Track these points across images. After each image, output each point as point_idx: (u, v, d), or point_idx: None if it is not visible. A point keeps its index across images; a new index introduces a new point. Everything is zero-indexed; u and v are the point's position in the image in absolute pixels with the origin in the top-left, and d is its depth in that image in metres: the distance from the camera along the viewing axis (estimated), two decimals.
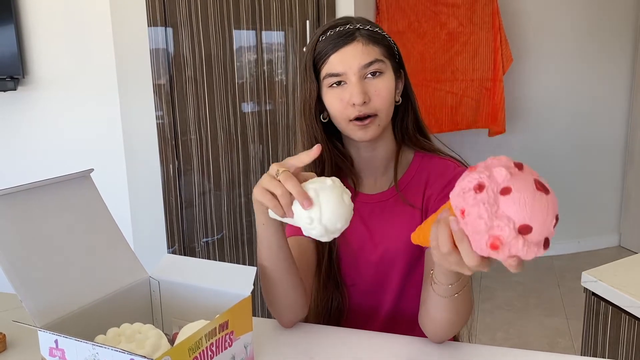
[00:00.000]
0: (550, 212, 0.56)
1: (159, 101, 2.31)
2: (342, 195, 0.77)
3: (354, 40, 0.94)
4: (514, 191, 0.55)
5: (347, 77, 0.94)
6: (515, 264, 0.57)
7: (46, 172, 0.98)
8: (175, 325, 0.93)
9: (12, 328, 0.97)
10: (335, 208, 0.76)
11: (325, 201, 0.76)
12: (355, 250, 1.04)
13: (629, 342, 1.21)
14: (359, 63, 0.93)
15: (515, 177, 0.56)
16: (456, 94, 3.09)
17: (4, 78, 2.32)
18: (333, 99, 0.96)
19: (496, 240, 0.55)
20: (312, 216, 0.76)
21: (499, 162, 0.58)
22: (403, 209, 1.03)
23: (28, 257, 0.81)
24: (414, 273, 1.04)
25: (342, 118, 0.96)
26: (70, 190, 0.90)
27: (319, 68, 0.97)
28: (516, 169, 0.58)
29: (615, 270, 1.31)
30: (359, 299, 1.08)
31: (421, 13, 2.99)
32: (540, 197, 0.56)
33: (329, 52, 0.95)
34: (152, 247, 2.41)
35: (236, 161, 2.42)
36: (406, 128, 1.05)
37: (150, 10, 2.23)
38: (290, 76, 2.36)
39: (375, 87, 0.94)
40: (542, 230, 0.56)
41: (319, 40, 0.97)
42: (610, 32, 3.29)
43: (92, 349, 0.70)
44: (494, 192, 0.56)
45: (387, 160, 1.05)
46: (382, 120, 0.97)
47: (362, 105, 0.93)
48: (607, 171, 3.48)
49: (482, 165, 0.59)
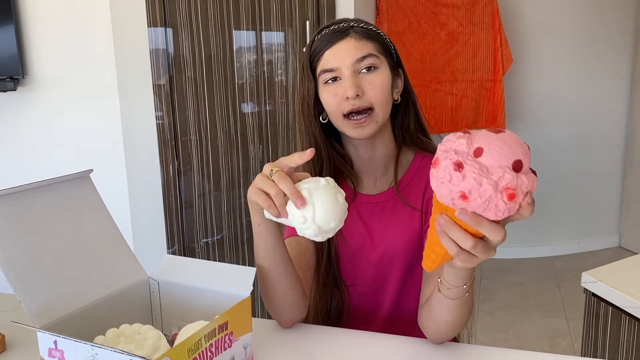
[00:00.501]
0: (518, 141, 0.59)
1: (158, 102, 2.31)
2: (336, 195, 0.77)
3: (347, 36, 0.95)
4: (484, 146, 0.58)
5: (341, 72, 0.95)
6: (532, 201, 0.59)
7: (46, 173, 0.98)
8: (174, 326, 0.93)
9: (11, 329, 0.97)
10: (329, 207, 0.76)
11: (318, 201, 0.76)
12: (355, 250, 1.05)
13: (629, 343, 1.21)
14: (352, 57, 0.94)
15: (474, 137, 0.60)
16: (456, 94, 3.09)
17: (4, 78, 2.32)
18: (328, 94, 0.97)
19: (509, 190, 0.57)
20: (305, 215, 0.76)
21: (450, 142, 0.61)
22: (403, 210, 1.03)
23: (27, 257, 0.81)
24: (414, 273, 1.04)
25: (338, 114, 0.97)
26: (69, 190, 0.90)
27: (314, 66, 0.98)
28: (467, 134, 0.60)
29: (615, 271, 1.31)
30: (358, 299, 1.08)
31: (421, 14, 3.00)
32: (504, 136, 0.59)
33: (323, 48, 0.96)
34: (152, 248, 2.41)
35: (236, 162, 2.42)
36: (407, 127, 1.05)
37: (150, 11, 2.23)
38: (290, 77, 2.36)
39: (370, 81, 0.95)
40: (526, 158, 0.58)
41: (315, 39, 0.98)
42: (610, 33, 3.29)
43: (92, 349, 0.70)
44: (472, 159, 0.58)
45: (386, 161, 1.05)
46: (379, 116, 0.96)
47: (355, 98, 0.93)
48: (607, 172, 3.48)
49: (440, 153, 0.61)
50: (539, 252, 3.44)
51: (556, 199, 3.39)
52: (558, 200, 3.40)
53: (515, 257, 3.38)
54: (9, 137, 2.48)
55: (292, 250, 1.00)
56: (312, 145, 1.01)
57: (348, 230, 1.03)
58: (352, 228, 1.04)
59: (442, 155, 0.60)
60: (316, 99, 1.00)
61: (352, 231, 1.04)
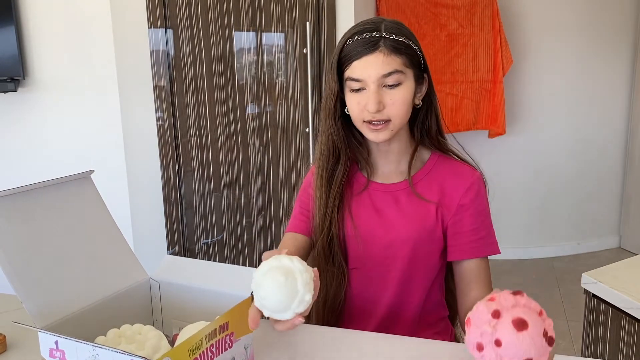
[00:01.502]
0: (536, 340, 0.70)
1: (159, 103, 2.31)
2: (286, 278, 0.76)
3: (377, 50, 0.97)
4: (503, 340, 0.70)
5: (366, 84, 0.99)
6: None
7: (47, 174, 0.99)
8: (175, 326, 0.93)
9: (12, 329, 0.97)
10: (274, 293, 0.76)
11: (262, 288, 0.77)
12: (363, 233, 1.07)
13: (629, 344, 1.21)
14: (379, 73, 0.97)
15: (499, 326, 0.70)
16: (456, 95, 3.09)
17: (5, 79, 2.32)
18: (352, 102, 1.02)
19: None
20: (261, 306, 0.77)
21: (480, 320, 0.73)
22: (417, 202, 1.06)
23: (29, 258, 0.81)
24: (419, 264, 1.07)
25: (359, 119, 1.02)
26: (70, 191, 0.90)
27: (343, 69, 1.02)
28: (494, 319, 0.71)
29: (615, 271, 1.31)
30: (361, 285, 1.10)
31: (421, 15, 3.00)
32: (524, 335, 0.69)
33: (352, 57, 0.99)
34: (152, 249, 2.41)
35: (236, 162, 2.42)
36: (428, 129, 1.09)
37: (151, 12, 2.23)
38: (291, 78, 2.36)
39: (392, 97, 0.99)
40: (540, 357, 0.70)
41: (347, 43, 1.01)
42: (610, 34, 3.30)
43: (93, 350, 0.70)
44: (492, 346, 0.71)
45: (400, 155, 1.10)
46: (395, 125, 1.01)
47: (376, 112, 0.98)
48: (607, 172, 3.48)
49: (471, 324, 0.73)
50: (539, 253, 3.44)
51: (556, 199, 3.39)
52: (558, 201, 3.40)
53: (515, 258, 3.38)
54: (10, 138, 2.48)
55: (289, 244, 1.07)
56: (329, 138, 1.07)
57: (358, 215, 1.08)
58: (362, 212, 1.09)
59: (472, 327, 0.73)
60: (338, 96, 1.05)
61: (362, 215, 1.08)
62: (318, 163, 1.09)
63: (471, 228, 1.04)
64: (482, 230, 1.05)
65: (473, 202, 1.05)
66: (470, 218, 1.04)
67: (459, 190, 1.05)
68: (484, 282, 1.06)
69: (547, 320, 0.73)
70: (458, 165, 1.09)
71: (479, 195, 1.06)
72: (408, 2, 2.97)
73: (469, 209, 1.04)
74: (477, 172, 1.08)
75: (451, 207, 1.05)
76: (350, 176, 1.11)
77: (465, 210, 1.04)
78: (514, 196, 3.33)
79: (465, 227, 1.05)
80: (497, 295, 0.74)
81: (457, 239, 1.05)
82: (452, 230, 1.06)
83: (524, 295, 0.74)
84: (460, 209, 1.05)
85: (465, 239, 1.05)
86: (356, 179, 1.11)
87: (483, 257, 1.06)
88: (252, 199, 2.46)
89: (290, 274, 0.76)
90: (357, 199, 1.09)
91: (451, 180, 1.07)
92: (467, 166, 1.09)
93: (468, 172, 1.08)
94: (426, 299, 1.10)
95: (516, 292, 0.74)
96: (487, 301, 0.74)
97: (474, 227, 1.05)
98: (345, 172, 1.09)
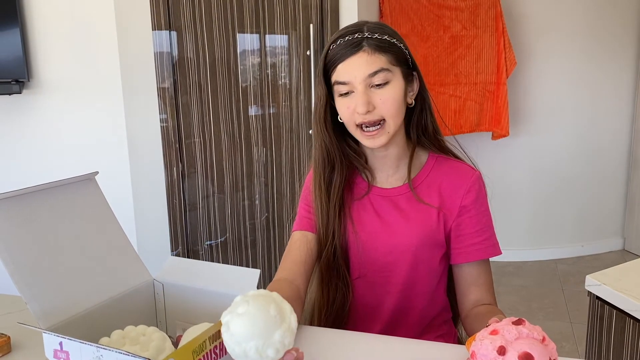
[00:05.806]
0: None
1: (163, 105, 2.32)
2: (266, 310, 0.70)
3: (360, 50, 0.96)
4: (507, 347, 0.71)
5: (353, 86, 0.98)
6: None
7: (51, 175, 0.99)
8: (179, 327, 0.93)
9: (16, 330, 0.97)
10: (246, 325, 0.70)
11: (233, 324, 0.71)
12: (365, 240, 1.07)
13: (633, 346, 1.21)
14: (364, 73, 0.96)
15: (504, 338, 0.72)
16: (460, 97, 3.09)
17: (9, 81, 2.33)
18: (342, 106, 1.01)
19: None
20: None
21: (483, 344, 0.73)
22: (417, 206, 1.05)
23: (33, 259, 0.81)
24: (421, 269, 1.06)
25: (351, 124, 1.01)
26: (75, 193, 0.91)
27: (329, 74, 1.01)
28: (501, 356, 0.70)
29: (619, 273, 1.31)
30: (364, 292, 1.09)
31: (424, 17, 3.00)
32: None
33: (337, 61, 0.98)
34: (156, 250, 2.42)
35: (240, 164, 2.42)
36: (424, 128, 1.08)
37: (155, 14, 2.24)
38: (294, 80, 2.37)
39: (381, 96, 0.97)
40: None
41: (330, 48, 1.00)
42: (614, 36, 3.29)
43: (97, 351, 0.70)
44: None
45: (399, 159, 1.08)
46: (391, 126, 1.00)
47: (366, 113, 0.97)
48: (611, 174, 3.47)
49: (476, 343, 0.74)
50: (542, 255, 3.43)
51: (560, 201, 3.38)
52: (562, 203, 3.39)
53: (519, 260, 3.37)
54: (15, 139, 2.49)
55: (298, 241, 1.06)
56: (323, 148, 1.06)
57: (359, 220, 1.07)
58: (363, 217, 1.07)
59: (478, 342, 0.74)
60: (328, 103, 1.03)
61: (363, 220, 1.07)
62: (315, 172, 1.08)
63: (474, 230, 1.04)
64: (485, 231, 1.05)
65: (474, 204, 1.04)
66: (473, 220, 1.04)
67: (460, 191, 1.04)
68: (484, 284, 1.05)
69: (550, 345, 0.72)
70: (457, 164, 1.08)
71: (479, 196, 1.05)
72: (411, 3, 2.98)
73: (470, 211, 1.04)
74: (477, 172, 1.07)
75: (452, 209, 1.04)
76: (351, 181, 1.10)
77: (467, 211, 1.04)
78: (517, 198, 3.32)
79: (468, 230, 1.04)
80: (499, 328, 0.74)
81: (461, 242, 1.05)
82: (455, 233, 1.05)
83: (525, 323, 0.73)
84: (462, 211, 1.04)
85: (469, 242, 1.04)
86: (357, 183, 1.10)
87: (485, 259, 1.06)
88: (255, 200, 2.46)
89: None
90: (358, 204, 1.08)
91: (451, 181, 1.06)
92: (465, 165, 1.08)
93: (467, 171, 1.06)
94: (430, 304, 1.10)
95: (517, 322, 0.74)
96: (489, 334, 0.74)
97: (477, 229, 1.04)
98: (343, 180, 1.07)
